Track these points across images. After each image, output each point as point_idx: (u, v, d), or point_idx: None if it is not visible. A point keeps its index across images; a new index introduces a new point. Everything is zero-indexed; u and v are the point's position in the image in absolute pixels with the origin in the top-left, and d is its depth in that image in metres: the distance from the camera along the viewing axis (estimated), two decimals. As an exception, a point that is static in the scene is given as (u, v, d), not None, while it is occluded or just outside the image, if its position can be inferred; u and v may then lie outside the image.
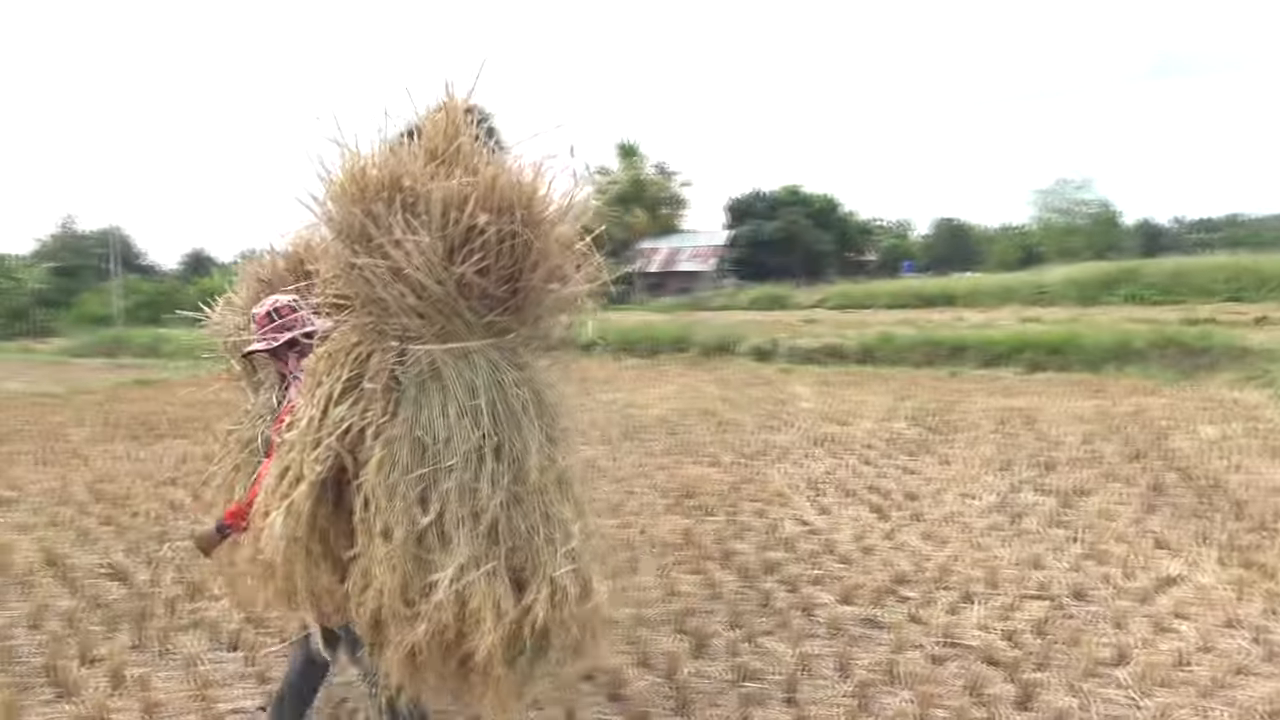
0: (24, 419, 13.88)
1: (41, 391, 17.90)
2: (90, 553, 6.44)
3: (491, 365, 2.85)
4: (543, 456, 2.84)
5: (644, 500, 7.55)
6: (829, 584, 5.53)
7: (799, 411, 12.09)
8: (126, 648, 4.69)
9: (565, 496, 2.89)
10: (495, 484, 2.74)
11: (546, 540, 2.78)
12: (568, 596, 2.73)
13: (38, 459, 10.29)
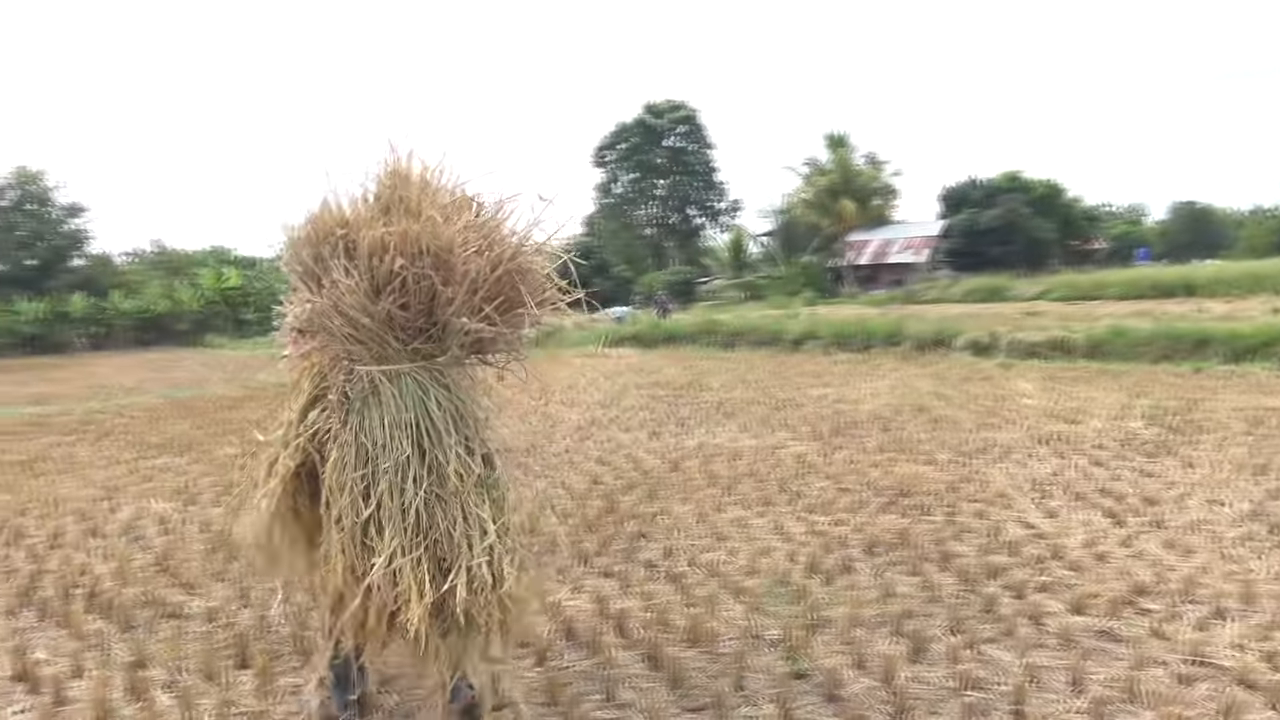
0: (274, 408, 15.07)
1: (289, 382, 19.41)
2: (332, 533, 6.92)
3: (419, 385, 3.40)
4: (460, 464, 3.35)
5: (857, 498, 7.38)
6: (1058, 591, 5.20)
7: (1021, 409, 11.49)
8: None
9: (484, 499, 3.37)
10: (418, 485, 3.30)
11: (464, 535, 3.29)
12: (484, 583, 3.22)
13: (286, 445, 11.16)
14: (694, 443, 10.07)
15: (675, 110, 57.99)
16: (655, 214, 60.55)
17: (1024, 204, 49.63)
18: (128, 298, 42.72)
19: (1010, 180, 52.57)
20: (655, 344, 25.01)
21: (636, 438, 10.62)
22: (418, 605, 3.18)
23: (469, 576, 3.22)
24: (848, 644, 4.56)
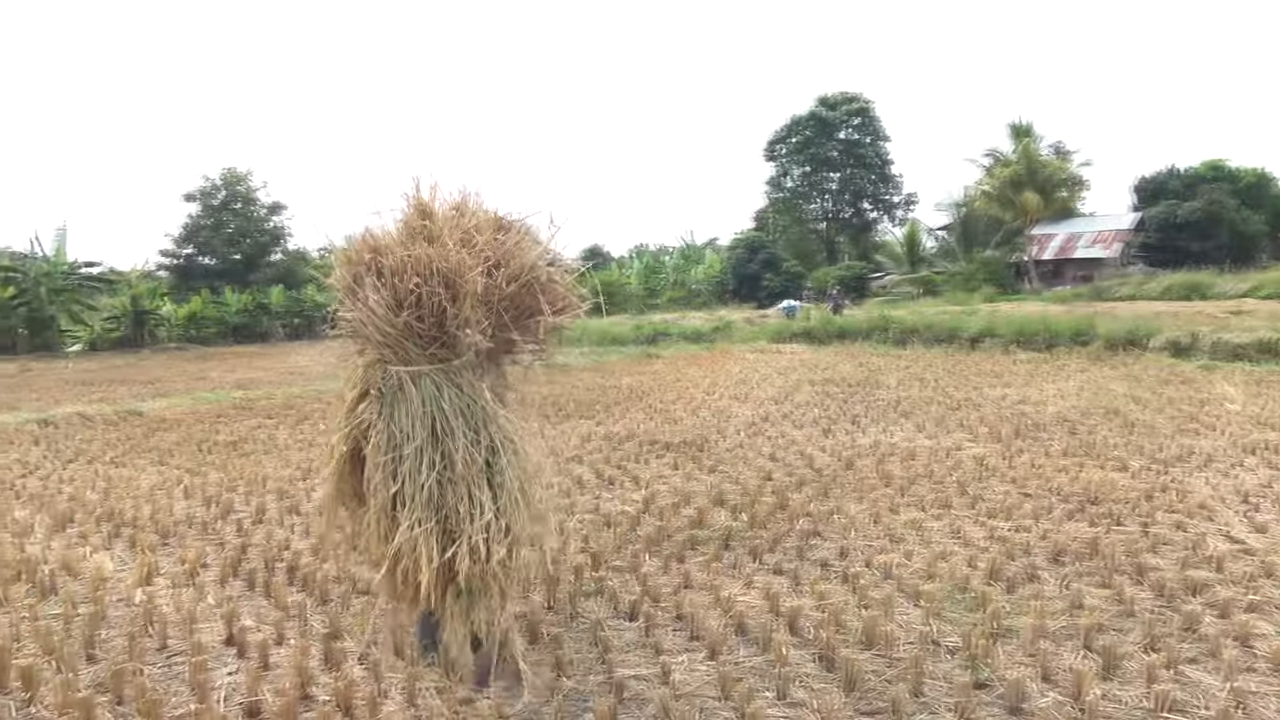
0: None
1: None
2: (510, 519, 7.15)
3: (435, 384, 4.00)
4: (466, 453, 3.92)
5: (1041, 504, 7.06)
6: (1270, 613, 4.83)
7: (1226, 414, 10.71)
8: (541, 608, 5.14)
9: (486, 483, 3.94)
10: (432, 468, 3.90)
11: (468, 513, 3.86)
12: (480, 555, 3.79)
13: (466, 433, 11.62)
14: (868, 441, 9.87)
15: (849, 102, 56.87)
16: (827, 208, 59.59)
17: (1228, 194, 46.13)
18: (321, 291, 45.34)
19: (1213, 169, 49.01)
20: (827, 340, 24.63)
21: (809, 434, 10.50)
22: (427, 570, 3.82)
23: (469, 547, 3.82)
24: (1032, 656, 4.37)
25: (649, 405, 13.53)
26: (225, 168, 49.81)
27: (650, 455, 9.59)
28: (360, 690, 4.10)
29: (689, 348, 26.07)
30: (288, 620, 5.06)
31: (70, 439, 12.17)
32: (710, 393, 14.88)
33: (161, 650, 4.79)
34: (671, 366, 20.26)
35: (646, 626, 4.85)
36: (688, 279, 52.29)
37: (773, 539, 6.32)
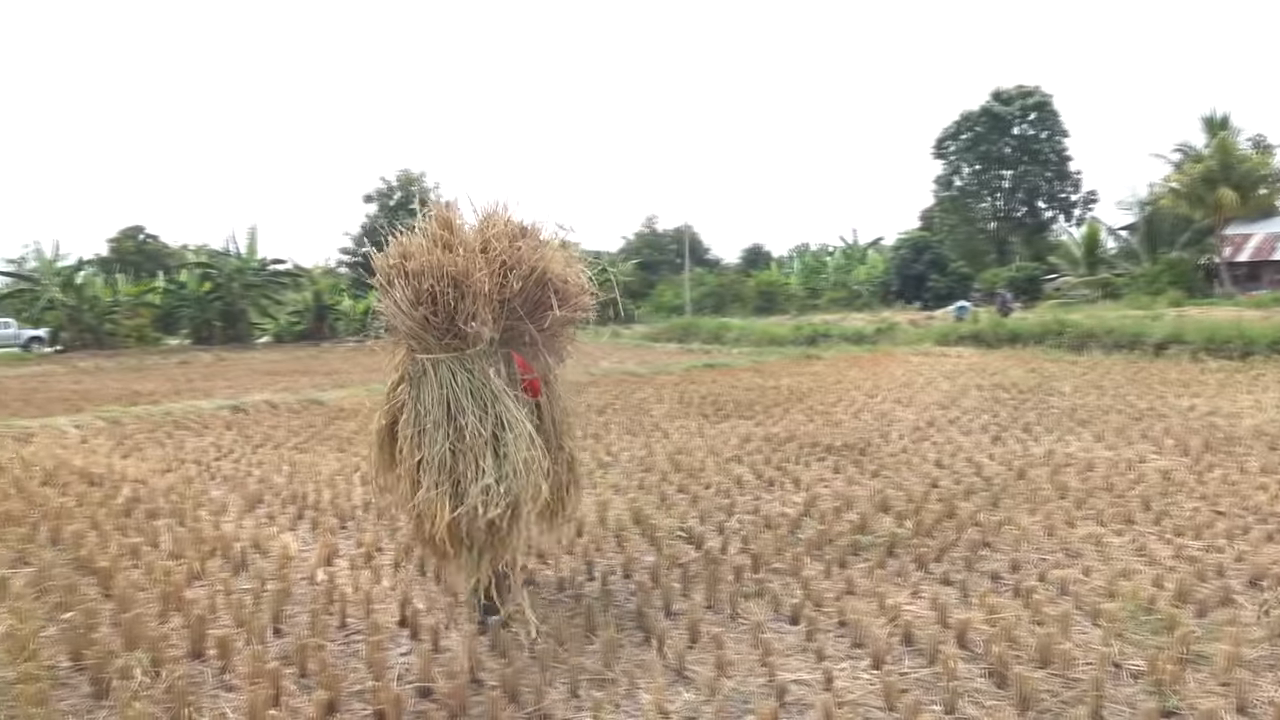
0: (614, 394, 15.93)
1: (627, 371, 20.43)
2: (669, 516, 7.18)
3: (450, 369, 4.57)
4: (474, 428, 4.46)
5: (1237, 523, 6.57)
6: None
7: None
8: (701, 607, 5.13)
9: (489, 453, 4.45)
10: (445, 439, 4.49)
11: (473, 478, 4.41)
12: (478, 514, 4.35)
13: (626, 429, 11.76)
14: (1041, 450, 9.43)
15: (1025, 96, 54.57)
16: (998, 207, 57.36)
17: None
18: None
19: None
20: (997, 344, 23.72)
21: (977, 441, 10.12)
22: (439, 523, 4.41)
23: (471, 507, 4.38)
24: (1227, 685, 4.06)
25: (809, 407, 13.35)
26: (401, 170, 52.20)
27: (810, 458, 9.45)
28: (526, 678, 4.19)
29: (850, 349, 25.59)
30: (457, 606, 5.23)
31: (259, 425, 12.99)
32: (872, 395, 14.55)
33: (341, 628, 5.04)
34: (832, 368, 19.93)
35: (808, 631, 4.78)
36: (850, 279, 51.37)
37: (939, 548, 6.12)
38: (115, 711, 3.93)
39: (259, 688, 4.01)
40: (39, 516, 7.27)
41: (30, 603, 5.19)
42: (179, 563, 6.12)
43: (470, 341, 4.60)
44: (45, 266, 40.58)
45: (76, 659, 4.50)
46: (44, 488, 8.67)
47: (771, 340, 30.14)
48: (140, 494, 8.24)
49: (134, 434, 12.47)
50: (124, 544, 6.58)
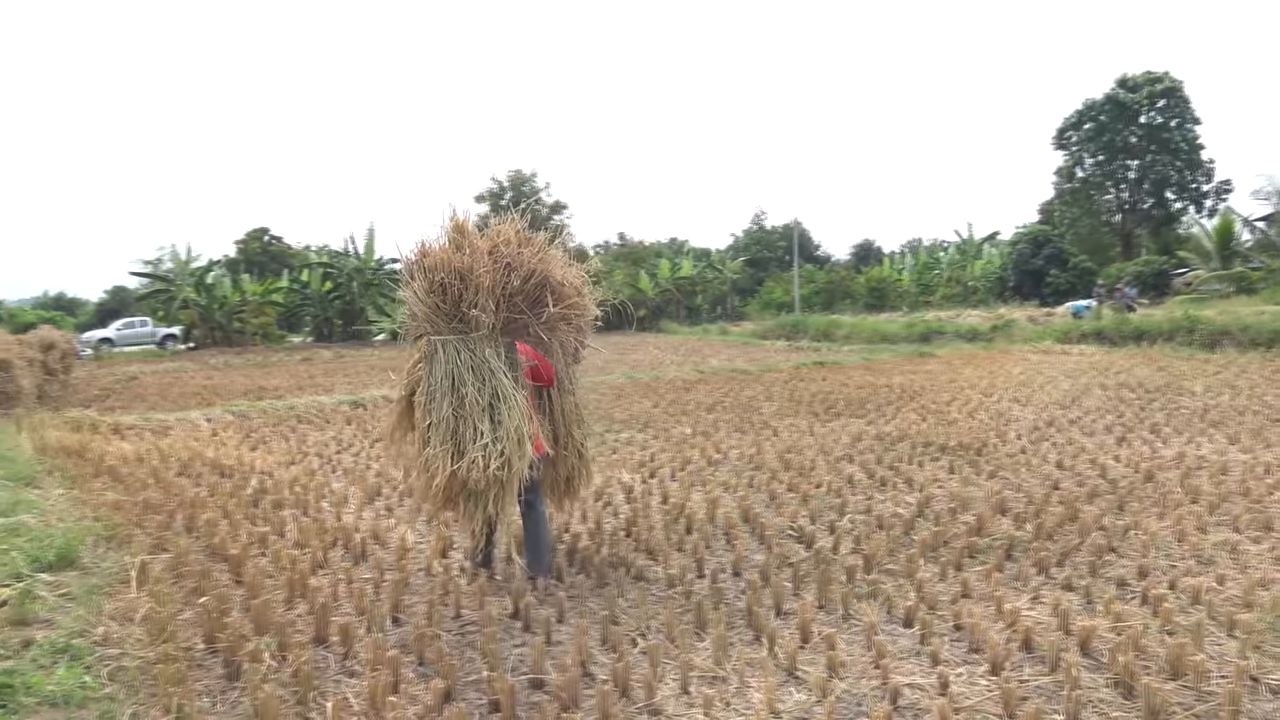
0: (723, 391, 15.87)
1: (736, 368, 20.35)
2: (779, 515, 7.13)
3: (455, 349, 5.27)
4: (473, 397, 5.15)
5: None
6: None
7: None
8: (812, 607, 5.07)
9: (486, 419, 5.13)
10: (450, 406, 5.18)
11: (471, 438, 5.11)
12: (477, 468, 5.01)
13: (735, 427, 11.71)
14: (1171, 453, 9.03)
15: (1154, 83, 52.16)
16: (1123, 199, 55.01)
17: None
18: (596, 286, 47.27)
19: None
20: (1121, 341, 22.80)
21: (1101, 442, 9.75)
22: (441, 476, 5.10)
23: (470, 463, 5.04)
24: (1380, 705, 3.83)
25: (922, 405, 13.06)
26: (512, 170, 53.03)
27: (924, 457, 9.25)
28: (637, 673, 4.22)
29: (965, 347, 24.96)
30: (568, 600, 5.29)
31: (376, 419, 13.38)
32: (989, 394, 14.16)
33: (456, 619, 5.16)
34: (946, 366, 19.47)
35: (923, 634, 4.68)
36: (964, 275, 50.03)
37: (1061, 552, 5.92)
38: (246, 693, 4.10)
39: (379, 675, 4.13)
40: (175, 505, 7.64)
41: (168, 587, 5.46)
42: (303, 552, 6.35)
43: (473, 326, 5.32)
44: (179, 268, 42.60)
45: (210, 642, 4.71)
46: (179, 478, 9.11)
47: (883, 337, 29.61)
48: (267, 485, 8.59)
49: (260, 427, 13.00)
50: (252, 533, 6.87)
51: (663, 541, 6.47)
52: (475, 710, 3.99)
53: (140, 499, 7.85)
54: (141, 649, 4.48)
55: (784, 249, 64.83)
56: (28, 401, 17.15)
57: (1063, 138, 55.61)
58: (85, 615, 4.76)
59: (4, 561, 5.49)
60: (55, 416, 14.00)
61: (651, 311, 45.94)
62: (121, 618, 4.88)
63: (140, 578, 5.55)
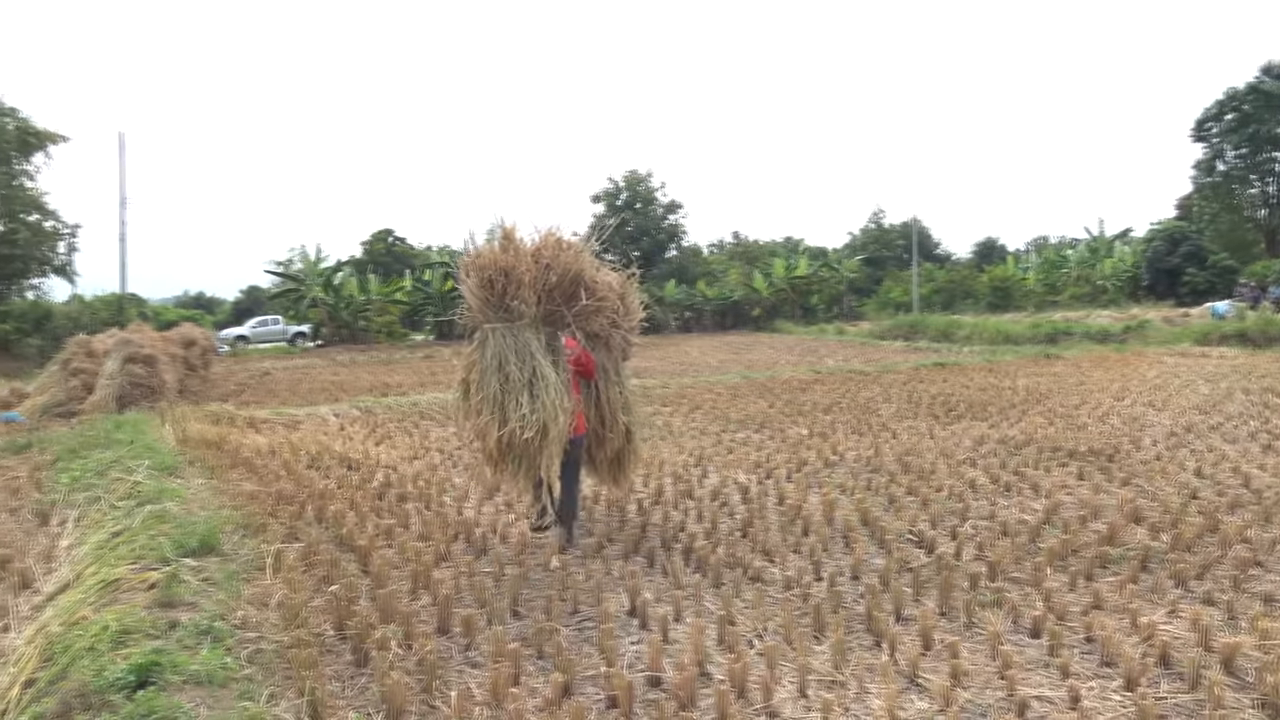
0: (840, 392, 15.65)
1: (853, 369, 20.04)
2: (898, 519, 6.99)
3: (502, 335, 6.03)
4: (516, 375, 5.89)
5: None
6: None
7: None
8: (933, 613, 4.95)
9: (526, 393, 5.84)
10: (496, 382, 5.91)
11: (513, 410, 5.79)
12: (517, 436, 5.73)
13: (852, 428, 11.53)
14: (1322, 462, 8.50)
15: (1303, 69, 49.18)
16: (1269, 193, 52.02)
17: None
18: (711, 285, 47.24)
19: None
20: (1266, 344, 21.59)
21: (1245, 450, 9.26)
22: (490, 441, 5.89)
23: (511, 430, 5.77)
24: None
25: (1049, 409, 12.62)
26: (628, 170, 53.39)
27: (1051, 463, 8.94)
28: (754, 675, 4.20)
29: (1094, 348, 24.01)
30: (685, 599, 5.30)
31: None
32: (1120, 398, 13.59)
33: (574, 614, 5.22)
34: (1074, 368, 18.77)
35: (1051, 645, 4.53)
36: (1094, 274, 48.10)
37: (1201, 565, 5.63)
38: (374, 679, 4.24)
39: (501, 667, 4.22)
40: (306, 497, 7.95)
41: (300, 575, 5.68)
42: (427, 544, 6.53)
43: (515, 315, 6.14)
44: (308, 268, 44.30)
45: (340, 629, 4.89)
46: (309, 470, 9.47)
47: (1006, 338, 28.73)
48: (392, 479, 8.86)
49: (385, 422, 13.42)
50: (379, 525, 7.09)
51: (779, 543, 6.42)
52: (593, 705, 4.04)
53: (274, 490, 8.19)
54: (277, 633, 4.68)
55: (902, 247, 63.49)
56: (170, 395, 18.11)
57: (1202, 129, 52.88)
58: (225, 600, 4.99)
59: (152, 546, 5.80)
60: (195, 410, 14.73)
61: (766, 311, 45.64)
62: (258, 603, 5.11)
63: (275, 565, 5.80)
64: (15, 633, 4.96)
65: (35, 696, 3.88)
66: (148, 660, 3.90)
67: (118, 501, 7.36)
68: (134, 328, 21.92)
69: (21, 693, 3.97)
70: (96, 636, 4.25)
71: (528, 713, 3.88)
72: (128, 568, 5.42)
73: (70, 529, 7.07)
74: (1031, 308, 43.25)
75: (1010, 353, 23.98)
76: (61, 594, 5.38)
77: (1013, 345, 26.81)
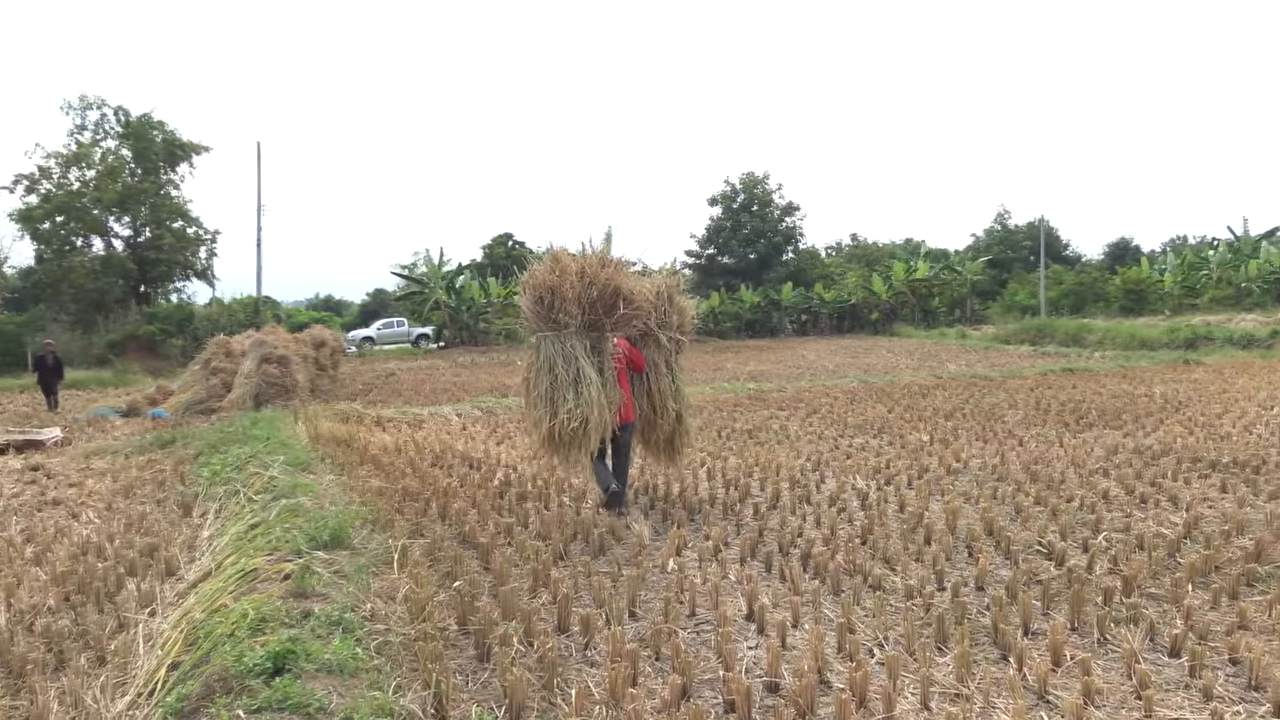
0: (963, 398, 15.26)
1: (976, 374, 19.53)
2: (1025, 529, 6.76)
3: (551, 342, 7.20)
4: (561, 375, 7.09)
5: None
6: None
7: None
8: (1064, 628, 4.77)
9: (571, 391, 7.03)
10: (547, 381, 7.12)
11: (561, 402, 7.00)
12: (564, 426, 6.93)
13: (976, 435, 11.22)
14: None
15: None
16: None
17: None
18: (828, 288, 46.64)
19: None
20: None
21: None
22: (542, 430, 7.16)
23: (560, 420, 6.99)
24: None
25: (1188, 417, 12.03)
26: (745, 172, 53.16)
27: (1191, 474, 8.51)
28: (875, 684, 4.12)
29: (1238, 354, 22.80)
30: (803, 605, 5.24)
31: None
32: (1268, 406, 12.86)
33: (691, 617, 5.22)
34: (1216, 375, 17.85)
35: (1192, 666, 4.31)
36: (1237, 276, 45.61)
37: (1363, 586, 5.28)
38: (496, 674, 4.32)
39: (619, 667, 4.25)
40: (430, 494, 8.17)
41: (425, 570, 5.84)
42: (545, 543, 6.63)
43: (562, 326, 7.26)
44: (432, 271, 45.56)
45: (462, 624, 5.01)
46: (433, 468, 9.74)
47: (1141, 343, 27.55)
48: (511, 478, 9.04)
49: (504, 423, 13.70)
50: (499, 523, 7.24)
51: (900, 550, 6.29)
52: (711, 709, 4.03)
53: (399, 487, 8.45)
54: (403, 626, 4.82)
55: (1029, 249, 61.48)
56: (302, 394, 18.89)
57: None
58: (355, 592, 5.17)
59: (287, 539, 6.06)
60: (325, 408, 15.32)
61: (884, 314, 44.81)
62: (386, 596, 5.27)
63: (401, 560, 5.97)
64: (161, 617, 5.24)
65: (180, 678, 4.09)
66: (284, 648, 4.07)
67: (255, 495, 7.71)
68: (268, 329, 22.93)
69: (167, 675, 4.18)
70: (236, 624, 4.45)
71: (646, 714, 3.89)
72: (264, 559, 5.67)
73: (211, 520, 7.45)
74: (1168, 311, 41.33)
75: (1145, 358, 22.97)
76: (203, 582, 5.66)
77: (1148, 350, 25.70)
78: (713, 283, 49.13)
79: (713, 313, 43.73)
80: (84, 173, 40.04)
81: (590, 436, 7.04)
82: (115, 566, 6.22)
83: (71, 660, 4.70)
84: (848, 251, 68.80)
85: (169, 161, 41.96)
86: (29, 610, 5.47)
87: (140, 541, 6.88)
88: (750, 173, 52.77)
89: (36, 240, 39.67)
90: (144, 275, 41.64)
